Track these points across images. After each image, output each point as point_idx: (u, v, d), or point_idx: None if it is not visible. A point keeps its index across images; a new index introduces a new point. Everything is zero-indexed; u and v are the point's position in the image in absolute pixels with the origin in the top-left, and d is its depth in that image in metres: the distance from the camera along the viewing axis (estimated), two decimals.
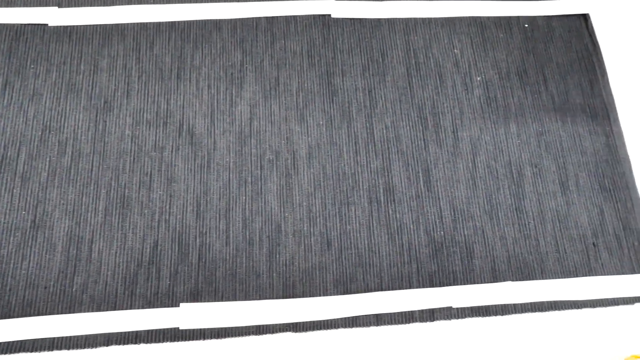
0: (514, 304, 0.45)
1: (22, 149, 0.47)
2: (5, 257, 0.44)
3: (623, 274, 0.47)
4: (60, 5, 0.53)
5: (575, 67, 0.55)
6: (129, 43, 0.52)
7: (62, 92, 0.50)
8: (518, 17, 0.56)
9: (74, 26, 0.52)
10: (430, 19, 0.55)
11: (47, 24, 0.52)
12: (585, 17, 0.57)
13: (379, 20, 0.55)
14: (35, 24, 0.52)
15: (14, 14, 0.52)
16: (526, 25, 0.56)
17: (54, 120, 0.49)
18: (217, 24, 0.53)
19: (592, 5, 0.57)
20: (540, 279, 0.46)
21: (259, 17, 0.54)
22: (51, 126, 0.48)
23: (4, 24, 0.51)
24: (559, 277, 0.46)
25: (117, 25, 0.52)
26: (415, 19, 0.55)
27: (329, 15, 0.55)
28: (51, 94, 0.50)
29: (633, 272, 0.47)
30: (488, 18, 0.56)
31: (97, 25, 0.52)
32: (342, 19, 0.55)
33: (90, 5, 0.53)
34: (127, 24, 0.53)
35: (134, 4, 0.53)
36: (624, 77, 0.55)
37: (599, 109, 0.53)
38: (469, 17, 0.56)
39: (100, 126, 0.49)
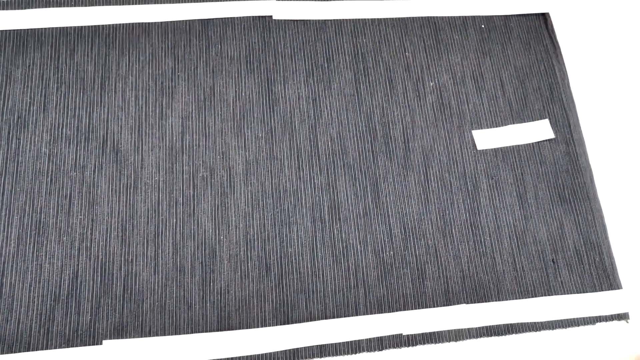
0: (469, 329, 0.45)
1: None
2: None
3: (584, 292, 0.47)
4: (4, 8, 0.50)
5: (534, 70, 0.54)
6: (46, 50, 0.50)
7: None
8: (474, 17, 0.56)
9: (19, 30, 0.50)
10: (380, 20, 0.55)
11: None
12: (544, 17, 0.57)
13: (324, 21, 0.54)
14: None
15: None
16: (482, 26, 0.56)
17: None
18: (146, 28, 0.52)
19: (552, 3, 0.57)
20: (496, 300, 0.46)
21: (192, 20, 0.52)
22: None
23: None
24: (516, 298, 0.46)
25: (33, 30, 0.50)
26: (364, 20, 0.54)
27: (270, 16, 0.53)
28: None
29: (594, 289, 0.47)
30: (442, 18, 0.55)
31: (9, 30, 0.50)
32: (285, 20, 0.53)
33: (2, 9, 0.51)
34: (45, 28, 0.50)
35: (52, 6, 0.51)
36: (585, 81, 0.55)
37: (559, 114, 0.53)
38: (422, 17, 0.55)
39: (13, 144, 0.47)
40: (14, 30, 0.50)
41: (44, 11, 0.51)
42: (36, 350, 0.41)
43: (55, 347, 0.42)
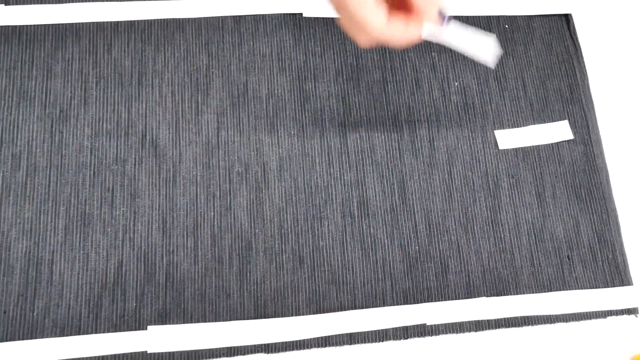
0: (488, 320, 0.49)
1: None
2: None
3: (596, 287, 0.51)
4: (6, 3, 0.53)
5: (556, 71, 0.58)
6: (84, 45, 0.53)
7: (14, 100, 0.51)
8: (498, 17, 0.59)
9: (23, 26, 0.53)
10: None
11: None
12: (567, 18, 0.60)
13: None
14: None
15: None
16: (506, 26, 0.59)
17: (6, 132, 0.50)
18: (180, 24, 0.55)
19: (574, 4, 0.60)
20: (514, 293, 0.50)
21: (225, 17, 0.55)
22: (3, 138, 0.50)
23: None
24: (533, 292, 0.51)
25: (71, 25, 0.53)
26: None
27: (301, 14, 0.56)
28: (1, 102, 0.50)
29: (606, 285, 0.51)
30: (467, 18, 0.59)
31: (49, 25, 0.53)
32: (315, 18, 0.56)
33: (41, 3, 0.54)
34: (82, 23, 0.53)
35: (89, 1, 0.54)
36: (605, 82, 0.58)
37: (578, 115, 0.57)
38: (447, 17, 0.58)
39: (56, 137, 0.50)
40: (53, 24, 0.53)
41: (81, 5, 0.54)
42: (86, 334, 0.46)
43: (103, 332, 0.46)
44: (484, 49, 0.43)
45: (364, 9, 0.37)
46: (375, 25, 0.37)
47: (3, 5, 0.53)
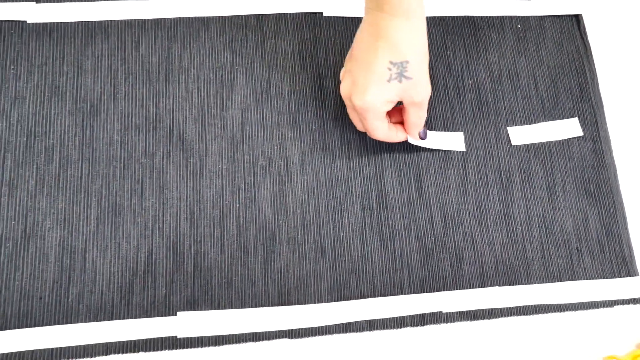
0: (501, 308, 0.52)
1: (8, 156, 0.51)
2: None
3: (604, 277, 0.54)
4: (38, 1, 0.55)
5: (566, 70, 0.60)
6: (113, 42, 0.55)
7: (46, 95, 0.53)
8: (511, 17, 0.61)
9: (54, 23, 0.55)
10: None
11: (25, 21, 0.54)
12: (577, 18, 0.62)
13: None
14: (12, 21, 0.54)
15: None
16: (519, 26, 0.61)
17: (38, 125, 0.52)
18: (205, 22, 0.57)
19: (585, 5, 0.62)
20: (525, 283, 0.53)
21: (248, 15, 0.57)
22: (36, 131, 0.52)
23: None
24: (543, 282, 0.53)
25: (100, 22, 0.55)
26: None
27: (321, 13, 0.58)
28: (34, 97, 0.52)
29: (613, 276, 0.54)
30: (481, 18, 0.61)
31: (78, 22, 0.55)
32: (334, 17, 0.58)
33: (71, 1, 0.55)
34: (111, 21, 0.55)
35: None
36: (614, 82, 0.61)
37: (587, 113, 0.59)
38: (462, 16, 0.60)
39: (87, 131, 0.52)
40: (82, 22, 0.55)
41: (109, 4, 0.56)
42: (118, 319, 0.48)
43: (135, 317, 0.48)
44: (455, 143, 0.56)
45: (377, 122, 0.49)
46: (380, 132, 0.50)
47: (34, 3, 0.55)
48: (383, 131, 0.50)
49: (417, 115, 0.50)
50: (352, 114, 0.51)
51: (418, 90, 0.48)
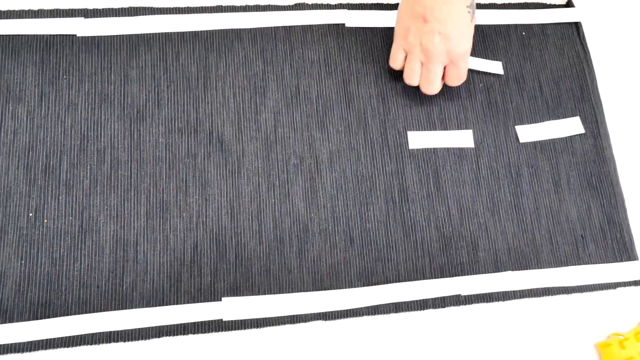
0: (514, 291, 0.57)
1: (64, 158, 0.55)
2: (58, 260, 0.52)
3: (607, 262, 0.59)
4: (86, 16, 0.60)
5: (568, 72, 0.65)
6: (155, 53, 0.60)
7: (96, 102, 0.57)
8: (516, 26, 0.66)
9: (101, 37, 0.59)
10: None
11: (75, 35, 0.59)
12: (577, 25, 0.67)
13: (389, 28, 0.64)
14: (63, 35, 0.59)
15: (42, 25, 0.59)
16: (523, 33, 0.66)
17: (90, 130, 0.56)
18: (238, 34, 0.61)
19: (583, 14, 0.67)
20: (535, 268, 0.58)
21: (277, 27, 0.62)
22: (89, 135, 0.56)
23: (34, 35, 0.58)
24: (551, 267, 0.58)
25: (142, 35, 0.60)
26: None
27: (343, 24, 0.63)
28: (86, 104, 0.57)
29: (615, 260, 0.59)
30: (489, 26, 0.66)
31: (123, 35, 0.60)
32: (356, 28, 0.63)
33: (116, 16, 0.60)
34: (152, 34, 0.60)
35: (157, 14, 0.61)
36: (611, 82, 0.66)
37: (588, 112, 0.64)
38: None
39: (135, 135, 0.57)
40: (127, 35, 0.60)
41: (151, 18, 0.60)
42: (168, 305, 0.52)
43: (183, 303, 0.53)
44: (465, 140, 0.61)
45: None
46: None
47: (83, 18, 0.60)
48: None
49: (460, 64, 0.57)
50: (432, 68, 0.57)
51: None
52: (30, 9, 0.59)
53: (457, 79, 0.58)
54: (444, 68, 0.58)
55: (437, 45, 0.54)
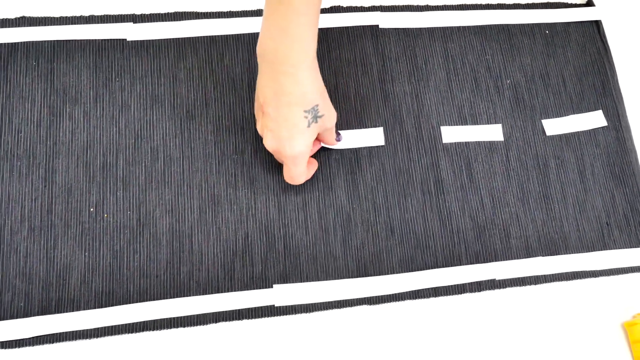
0: (544, 275, 0.60)
1: (120, 156, 0.58)
2: (118, 252, 0.55)
3: (631, 247, 0.62)
4: (135, 21, 0.63)
5: (590, 69, 0.68)
6: (201, 56, 0.62)
7: (148, 103, 0.60)
8: (540, 24, 0.69)
9: (150, 40, 0.62)
10: (464, 28, 0.68)
11: (125, 39, 0.62)
12: (597, 23, 0.70)
13: (420, 29, 0.67)
14: (114, 39, 0.62)
15: (94, 30, 0.61)
16: (547, 32, 0.69)
17: (143, 129, 0.59)
18: None
19: (603, 12, 0.70)
20: (564, 253, 0.61)
21: None
22: (142, 135, 0.59)
23: (87, 40, 0.61)
24: (579, 252, 0.61)
25: (189, 39, 0.63)
26: (451, 28, 0.67)
27: (377, 25, 0.66)
28: (138, 105, 0.60)
29: (639, 245, 0.62)
30: (514, 25, 0.69)
31: (171, 39, 0.63)
32: (389, 29, 0.66)
33: (163, 21, 0.63)
34: (198, 37, 0.63)
35: (202, 18, 0.64)
36: (631, 77, 0.69)
37: (610, 106, 0.67)
38: (498, 24, 0.68)
39: (185, 133, 0.60)
40: (174, 39, 0.63)
41: (197, 22, 0.63)
42: (223, 292, 0.56)
43: (237, 290, 0.56)
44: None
45: (304, 164, 0.54)
46: (304, 174, 0.55)
47: (132, 23, 0.62)
48: (306, 175, 0.55)
49: (331, 135, 0.56)
50: (277, 155, 0.54)
51: (330, 120, 0.52)
52: (82, 15, 0.62)
53: (288, 179, 0.55)
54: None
55: (268, 143, 0.51)
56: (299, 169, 0.53)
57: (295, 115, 0.49)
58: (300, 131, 0.50)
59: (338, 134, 0.58)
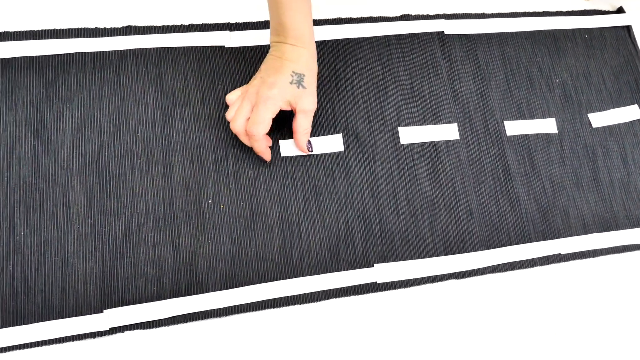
0: (600, 249, 0.68)
1: (229, 153, 0.63)
2: (236, 240, 0.61)
3: None
4: (232, 30, 0.68)
5: (624, 68, 0.77)
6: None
7: None
8: (580, 30, 0.77)
9: (245, 47, 0.67)
10: (516, 33, 0.75)
11: (223, 46, 0.67)
12: (628, 28, 0.79)
13: (479, 35, 0.74)
14: (214, 46, 0.67)
15: (196, 38, 0.66)
16: (586, 36, 0.77)
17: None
18: (358, 42, 0.70)
19: (633, 18, 0.79)
20: (615, 229, 0.69)
21: (389, 35, 0.71)
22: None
23: (190, 47, 0.66)
24: (627, 228, 0.69)
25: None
26: (506, 34, 0.75)
27: (443, 32, 0.73)
28: None
29: None
30: (558, 31, 0.76)
31: (264, 45, 0.68)
32: (453, 35, 0.73)
33: (256, 29, 0.68)
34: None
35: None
36: None
37: None
38: (545, 30, 0.76)
39: (285, 131, 0.65)
40: (267, 45, 0.68)
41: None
42: (331, 272, 0.61)
43: (342, 270, 0.62)
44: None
45: (268, 115, 0.59)
46: (262, 127, 0.59)
47: (229, 32, 0.67)
48: (265, 127, 0.58)
49: (305, 122, 0.60)
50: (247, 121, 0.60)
51: (309, 100, 0.60)
52: (182, 24, 0.67)
53: (251, 124, 0.58)
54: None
55: (254, 83, 0.60)
56: (264, 115, 0.58)
57: (285, 69, 0.58)
58: (283, 80, 0.58)
59: (310, 144, 0.64)
